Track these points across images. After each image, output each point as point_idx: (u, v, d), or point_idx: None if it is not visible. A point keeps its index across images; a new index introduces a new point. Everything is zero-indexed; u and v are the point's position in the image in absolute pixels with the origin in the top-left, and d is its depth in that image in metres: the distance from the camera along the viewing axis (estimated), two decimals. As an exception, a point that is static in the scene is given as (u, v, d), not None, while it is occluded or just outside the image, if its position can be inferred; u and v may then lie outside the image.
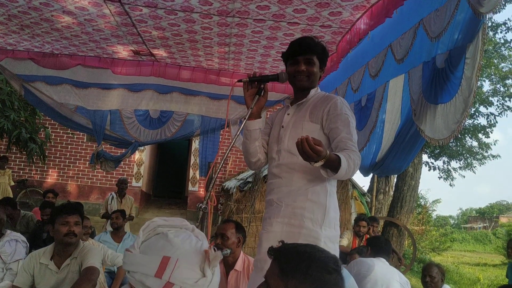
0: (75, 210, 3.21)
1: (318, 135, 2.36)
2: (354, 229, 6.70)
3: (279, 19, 3.56)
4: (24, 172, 12.35)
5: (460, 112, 2.48)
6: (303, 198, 2.30)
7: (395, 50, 3.25)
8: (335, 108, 2.36)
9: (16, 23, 4.11)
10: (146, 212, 12.81)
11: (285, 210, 2.33)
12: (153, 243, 1.36)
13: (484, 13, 2.18)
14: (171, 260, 1.29)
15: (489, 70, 12.08)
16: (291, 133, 2.44)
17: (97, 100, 5.65)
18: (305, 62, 2.45)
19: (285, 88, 5.37)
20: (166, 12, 3.61)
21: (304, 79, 2.47)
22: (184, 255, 1.31)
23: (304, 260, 1.31)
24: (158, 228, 1.38)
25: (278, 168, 2.45)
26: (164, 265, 1.28)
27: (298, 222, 2.27)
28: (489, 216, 37.11)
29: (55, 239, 3.18)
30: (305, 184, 2.33)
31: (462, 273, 14.04)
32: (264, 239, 2.39)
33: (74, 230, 3.13)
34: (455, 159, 13.20)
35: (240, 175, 12.03)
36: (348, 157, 2.10)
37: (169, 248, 1.32)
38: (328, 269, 1.30)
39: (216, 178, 2.38)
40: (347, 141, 2.25)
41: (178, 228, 1.40)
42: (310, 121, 2.40)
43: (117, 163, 6.42)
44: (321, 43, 2.51)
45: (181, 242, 1.34)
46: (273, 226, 2.34)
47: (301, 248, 1.37)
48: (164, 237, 1.35)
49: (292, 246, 1.41)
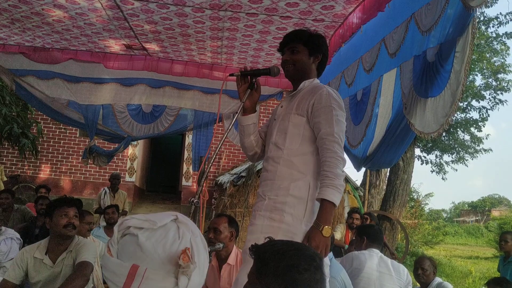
0: (74, 203, 3.21)
1: (304, 128, 2.34)
2: (347, 222, 6.74)
3: (272, 13, 3.56)
4: (16, 168, 12.27)
5: (449, 106, 2.49)
6: (285, 192, 2.29)
7: (388, 44, 3.26)
8: (319, 100, 2.31)
9: (6, 17, 4.08)
10: (140, 207, 12.78)
11: (267, 204, 2.32)
12: (125, 246, 1.21)
13: (474, 6, 2.19)
14: (139, 271, 1.14)
15: (481, 64, 12.14)
16: (279, 126, 2.42)
17: (89, 95, 5.62)
18: (290, 51, 2.44)
19: (278, 82, 5.37)
20: (158, 6, 3.59)
21: (290, 67, 2.45)
22: (155, 263, 1.16)
23: (277, 259, 1.30)
24: (130, 228, 1.21)
25: (266, 161, 2.45)
26: (132, 276, 1.14)
27: (278, 217, 2.26)
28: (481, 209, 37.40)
29: (52, 232, 3.16)
30: (287, 179, 2.31)
31: (454, 266, 14.17)
32: (248, 231, 2.40)
33: (73, 222, 3.12)
34: (448, 153, 13.28)
35: (234, 169, 12.03)
36: (328, 180, 2.16)
37: (139, 255, 1.16)
38: (299, 269, 1.27)
39: (208, 172, 2.38)
40: (327, 138, 2.23)
41: (152, 227, 1.21)
42: (297, 114, 2.37)
43: (110, 158, 6.40)
44: (308, 31, 2.48)
45: (153, 246, 1.17)
46: (256, 219, 2.35)
47: (277, 247, 1.36)
48: (135, 240, 1.18)
49: (269, 244, 1.39)
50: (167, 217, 1.25)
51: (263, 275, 1.30)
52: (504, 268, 5.58)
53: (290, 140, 2.35)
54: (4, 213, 5.93)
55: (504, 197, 42.24)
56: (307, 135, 2.34)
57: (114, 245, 1.23)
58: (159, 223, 1.22)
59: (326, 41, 2.55)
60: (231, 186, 10.46)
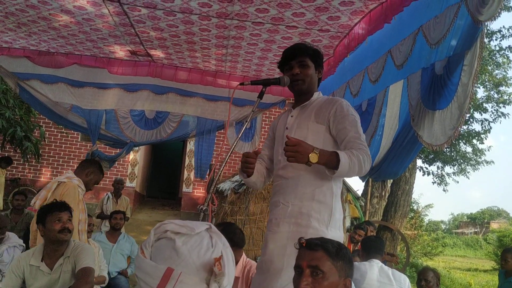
0: (65, 207, 3.18)
1: (324, 136, 2.40)
2: (351, 234, 6.72)
3: (278, 22, 3.57)
4: (17, 171, 12.25)
5: (456, 118, 2.50)
6: (310, 198, 2.32)
7: (395, 56, 3.26)
8: (341, 109, 2.39)
9: (13, 20, 4.09)
10: (140, 212, 12.75)
11: (292, 210, 2.34)
12: (161, 249, 1.26)
13: (483, 21, 2.19)
14: (174, 274, 1.19)
15: (483, 76, 12.17)
16: (296, 134, 2.44)
17: (93, 100, 5.62)
18: (299, 65, 2.48)
19: (281, 90, 5.38)
20: (165, 13, 3.60)
21: (300, 82, 2.49)
22: (189, 268, 1.21)
23: (343, 247, 1.77)
24: (167, 232, 1.26)
25: (284, 169, 2.46)
26: (166, 278, 1.18)
27: (305, 222, 2.29)
28: (480, 221, 37.34)
29: (47, 239, 3.12)
30: (311, 185, 2.35)
31: (453, 278, 14.11)
32: (270, 239, 2.40)
33: (68, 226, 3.10)
34: (449, 164, 13.27)
35: (235, 177, 11.97)
36: (350, 153, 2.17)
37: (175, 259, 1.21)
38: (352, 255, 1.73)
39: (217, 180, 2.38)
40: (355, 140, 2.29)
41: (189, 233, 1.26)
42: (316, 122, 2.43)
43: (112, 163, 6.38)
44: (313, 46, 2.55)
45: (189, 251, 1.22)
46: (280, 226, 2.36)
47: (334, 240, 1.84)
48: (172, 244, 1.24)
49: (326, 238, 1.85)
50: (202, 225, 1.31)
51: (339, 259, 1.72)
52: (504, 285, 5.55)
53: None
54: (14, 215, 5.95)
55: (503, 210, 42.22)
56: (328, 143, 2.40)
57: (148, 247, 1.27)
58: (196, 230, 1.27)
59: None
60: (232, 194, 10.41)
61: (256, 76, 5.14)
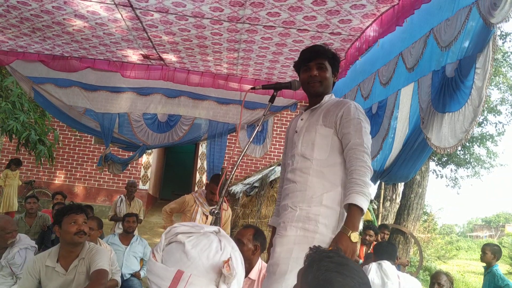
0: (82, 210, 3.23)
1: (332, 140, 2.40)
2: (361, 237, 6.68)
3: (289, 25, 3.58)
4: (31, 173, 12.41)
5: (469, 122, 2.48)
6: (318, 203, 2.32)
7: (406, 59, 3.25)
8: (348, 113, 2.39)
9: (28, 25, 4.15)
10: (152, 215, 12.82)
11: (299, 215, 2.34)
12: (171, 252, 1.30)
13: (494, 23, 2.18)
14: (184, 276, 1.23)
15: (498, 78, 12.04)
16: (304, 138, 2.46)
17: (106, 103, 5.69)
18: (317, 68, 2.50)
19: (293, 94, 5.39)
20: (177, 18, 3.63)
21: (317, 85, 2.50)
22: (199, 270, 1.25)
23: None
24: (178, 236, 1.31)
25: (293, 173, 2.46)
26: (176, 280, 1.22)
27: (312, 227, 2.29)
28: (495, 225, 36.88)
29: (63, 240, 3.17)
30: (320, 190, 2.34)
31: (468, 282, 13.94)
32: (277, 243, 2.40)
33: (83, 228, 3.14)
34: (463, 167, 13.13)
35: (247, 179, 12.00)
36: (356, 186, 2.18)
37: (185, 261, 1.25)
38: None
39: (229, 183, 2.40)
40: (357, 147, 2.28)
41: (198, 235, 1.31)
42: (324, 125, 2.43)
43: (125, 166, 6.45)
44: (331, 49, 2.56)
45: (198, 254, 1.27)
46: (287, 230, 2.36)
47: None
48: (182, 248, 1.28)
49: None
50: (211, 228, 1.37)
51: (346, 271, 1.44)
52: (486, 277, 5.49)
53: (318, 151, 2.40)
54: (28, 218, 6.04)
55: (518, 213, 41.59)
56: (335, 146, 2.40)
57: (159, 251, 1.32)
58: (205, 229, 1.33)
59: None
60: (244, 196, 10.43)
61: (268, 79, 5.16)
